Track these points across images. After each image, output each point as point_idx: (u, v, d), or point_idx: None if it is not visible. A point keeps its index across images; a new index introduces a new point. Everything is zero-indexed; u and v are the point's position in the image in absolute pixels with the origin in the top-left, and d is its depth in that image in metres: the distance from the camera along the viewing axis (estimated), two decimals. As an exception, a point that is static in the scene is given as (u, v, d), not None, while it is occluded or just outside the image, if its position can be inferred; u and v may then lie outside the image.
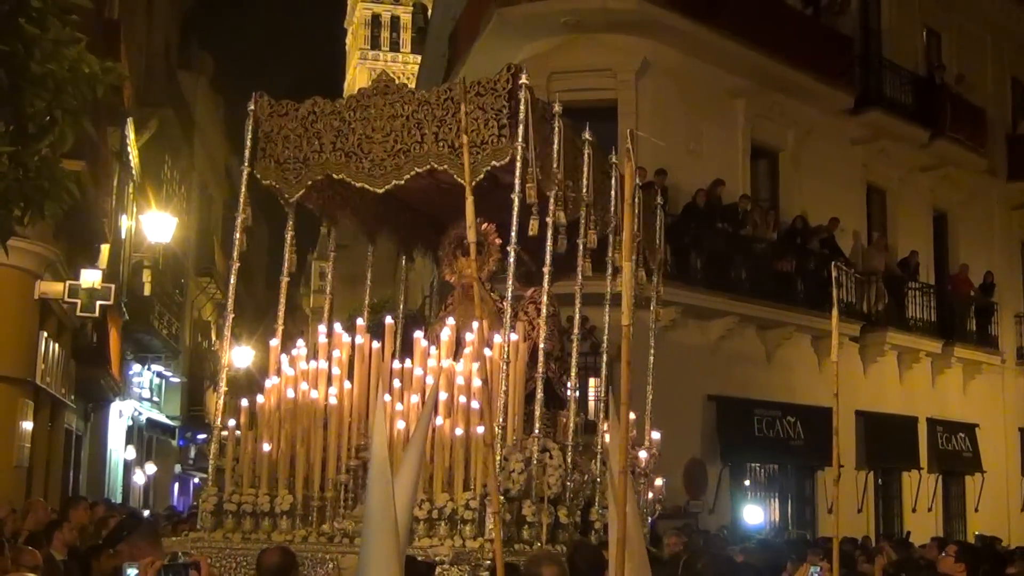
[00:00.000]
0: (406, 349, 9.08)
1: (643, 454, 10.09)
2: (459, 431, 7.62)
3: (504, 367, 7.82)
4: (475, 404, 7.67)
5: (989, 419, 24.69)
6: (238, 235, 8.81)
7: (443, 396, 7.84)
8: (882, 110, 22.99)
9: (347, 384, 8.40)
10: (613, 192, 9.46)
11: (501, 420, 7.71)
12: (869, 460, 21.74)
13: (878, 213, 24.19)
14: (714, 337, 19.25)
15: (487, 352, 7.85)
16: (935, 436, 23.46)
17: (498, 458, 7.55)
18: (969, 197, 25.77)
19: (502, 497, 7.45)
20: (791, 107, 21.35)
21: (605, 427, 9.46)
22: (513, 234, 7.96)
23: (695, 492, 18.46)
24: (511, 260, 7.99)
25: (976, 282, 24.95)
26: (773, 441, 19.97)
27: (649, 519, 10.19)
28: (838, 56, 22.18)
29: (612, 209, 9.39)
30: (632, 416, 9.50)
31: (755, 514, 19.22)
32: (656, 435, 10.46)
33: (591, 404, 10.74)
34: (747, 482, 20.27)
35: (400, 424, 7.78)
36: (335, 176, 8.63)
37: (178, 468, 35.39)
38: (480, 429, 7.53)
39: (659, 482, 10.39)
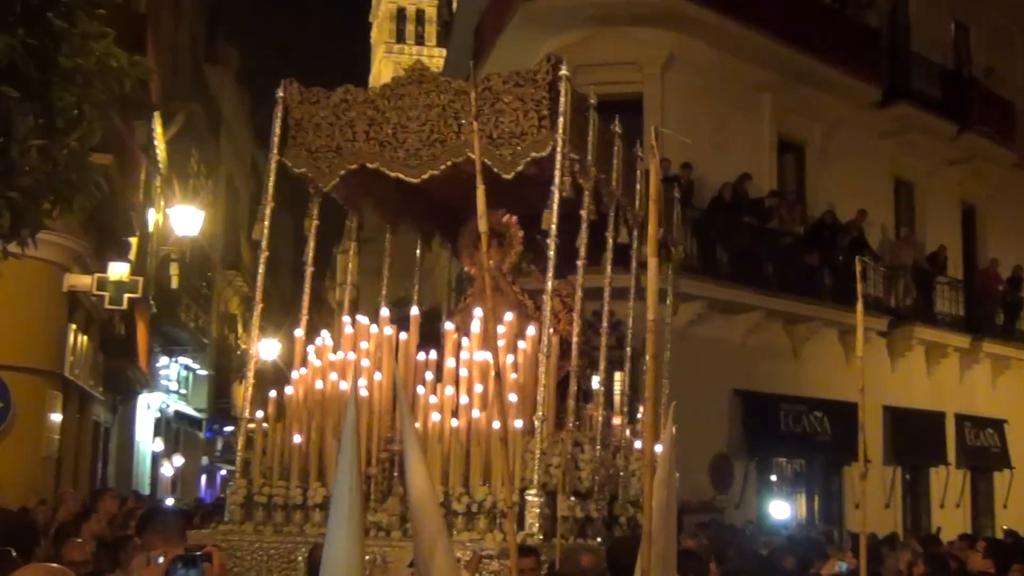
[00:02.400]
0: (428, 341, 9.06)
1: (659, 448, 10.04)
2: (496, 424, 7.59)
3: (539, 360, 7.79)
4: (512, 397, 7.66)
5: (1018, 414, 24.48)
6: (265, 224, 8.79)
7: (478, 389, 7.83)
8: (910, 103, 22.83)
9: (377, 376, 8.37)
10: (638, 186, 9.43)
11: (540, 413, 7.69)
12: (897, 456, 21.64)
13: (906, 207, 24.06)
14: (740, 332, 19.18)
15: (500, 343, 7.83)
16: (963, 432, 23.32)
17: (536, 452, 7.54)
18: (998, 191, 25.56)
19: (540, 491, 7.44)
20: (818, 100, 21.23)
21: (618, 421, 9.46)
22: (553, 226, 7.92)
23: (721, 487, 18.43)
24: (551, 253, 7.96)
25: (1005, 276, 24.76)
26: (800, 436, 19.90)
27: None
28: (866, 49, 22.05)
29: (637, 203, 9.37)
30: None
31: (782, 510, 19.17)
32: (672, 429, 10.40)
33: (616, 398, 10.69)
34: (773, 477, 20.21)
35: (435, 416, 7.77)
36: (369, 166, 8.58)
37: (205, 460, 35.59)
38: (519, 423, 7.52)
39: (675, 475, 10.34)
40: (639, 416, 9.68)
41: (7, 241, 5.76)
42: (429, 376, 8.24)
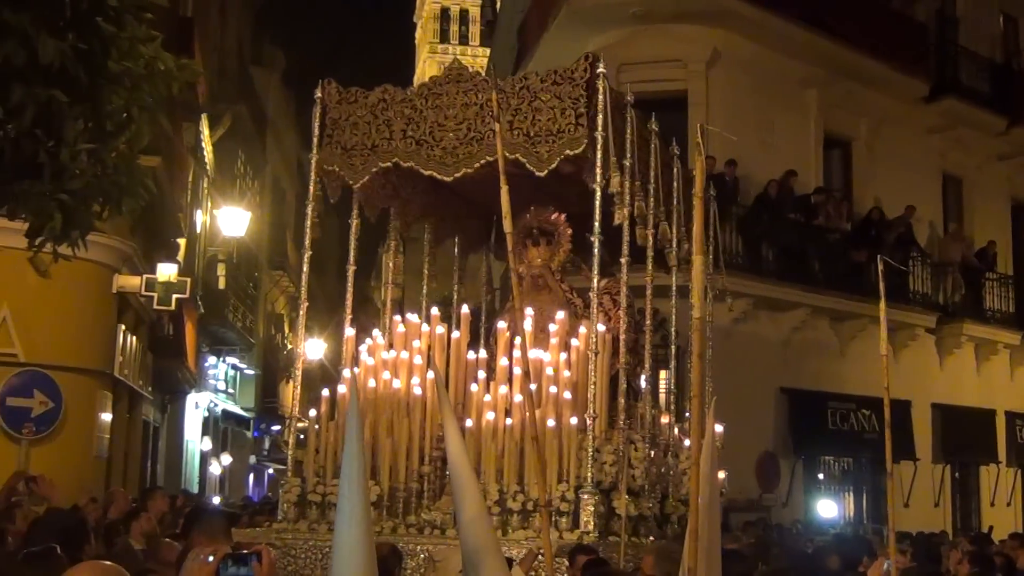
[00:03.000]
0: (473, 340, 9.09)
1: None
2: (551, 422, 7.59)
3: (592, 357, 7.81)
4: (567, 395, 7.66)
5: (1070, 412, 24.18)
6: (309, 223, 8.86)
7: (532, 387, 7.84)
8: (958, 98, 22.57)
9: (430, 374, 8.39)
10: (675, 184, 9.42)
11: (592, 411, 7.70)
12: (946, 454, 21.44)
13: (954, 202, 23.80)
14: (787, 329, 19.08)
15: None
16: (1014, 429, 23.04)
17: (590, 450, 7.55)
18: (1048, 186, 25.25)
19: (595, 489, 7.44)
20: (865, 96, 21.05)
21: (665, 419, 9.45)
22: (596, 224, 7.93)
23: (767, 486, 18.34)
24: (595, 251, 7.97)
25: (1056, 272, 24.44)
26: (847, 434, 19.77)
27: None
28: (913, 43, 21.83)
29: (674, 201, 9.36)
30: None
31: (829, 508, 19.05)
32: (719, 428, 10.41)
33: (661, 396, 10.68)
34: (820, 476, 20.08)
35: (489, 415, 7.79)
36: (403, 164, 8.62)
37: (253, 459, 35.83)
38: (573, 420, 7.53)
39: (721, 475, 10.34)
40: (686, 415, 9.68)
41: (58, 243, 5.83)
42: (482, 375, 8.26)
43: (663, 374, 11.12)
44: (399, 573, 6.20)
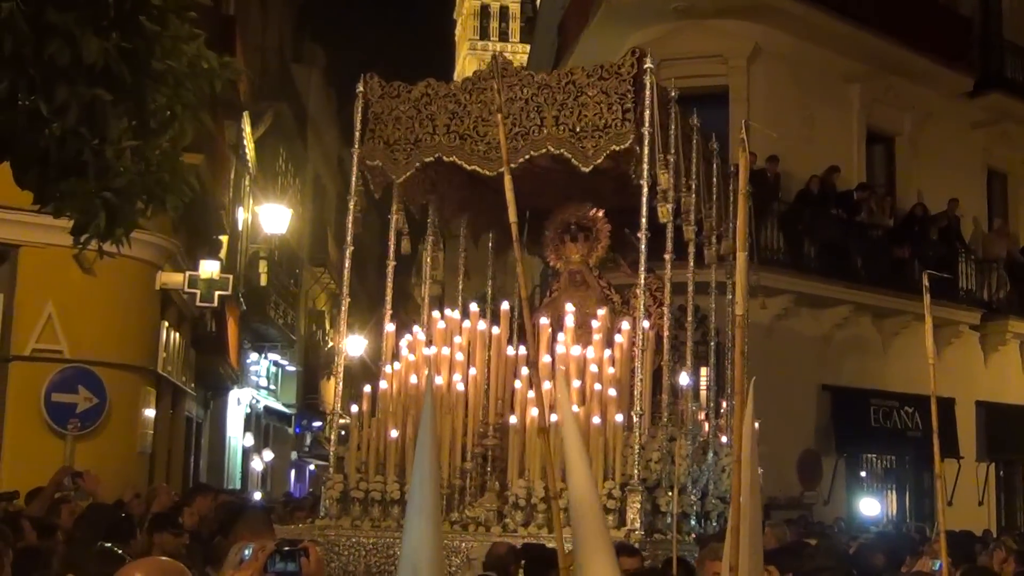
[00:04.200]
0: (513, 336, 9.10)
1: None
2: (596, 419, 7.57)
3: (639, 354, 7.80)
4: (612, 392, 7.64)
5: (1117, 410, 23.84)
6: (351, 217, 8.87)
7: (576, 383, 7.83)
8: (1003, 92, 22.34)
9: (472, 371, 8.38)
10: (715, 179, 9.39)
11: (639, 408, 7.68)
12: (990, 452, 21.22)
13: (999, 198, 23.57)
14: (828, 326, 18.95)
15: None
16: (1060, 427, 22.77)
17: (636, 448, 7.53)
18: (1094, 180, 24.91)
19: (641, 486, 7.41)
20: (908, 91, 20.87)
21: (702, 416, 9.41)
22: (643, 220, 7.91)
23: (809, 483, 18.23)
24: (642, 247, 7.95)
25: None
26: (890, 432, 19.61)
27: None
28: (957, 37, 21.61)
29: (714, 196, 9.33)
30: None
31: (871, 506, 18.91)
32: (755, 425, 10.37)
33: (702, 393, 10.65)
34: (863, 473, 19.95)
35: (534, 411, 7.78)
36: (446, 158, 8.61)
37: (294, 455, 36.02)
38: (619, 417, 7.51)
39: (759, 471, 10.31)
40: (721, 410, 9.65)
41: (102, 241, 5.87)
42: (524, 371, 8.26)
43: (704, 371, 11.10)
44: (515, 571, 6.17)
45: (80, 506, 8.84)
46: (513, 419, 7.92)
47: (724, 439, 9.17)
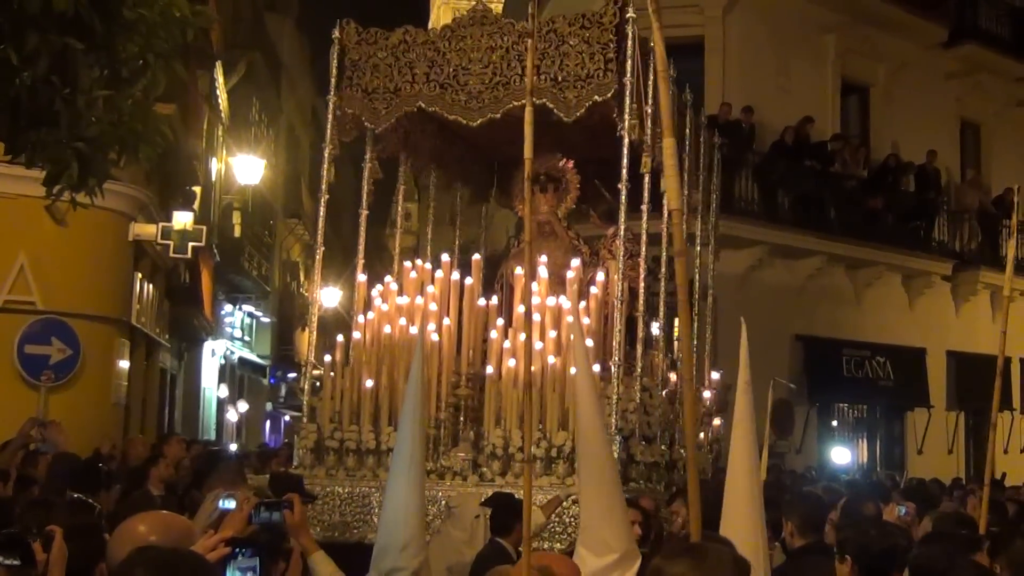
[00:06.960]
0: (486, 287, 9.09)
1: (707, 394, 10.16)
2: (573, 370, 7.60)
3: (617, 305, 7.82)
4: (589, 342, 7.65)
5: (1087, 359, 24.10)
6: (326, 164, 8.80)
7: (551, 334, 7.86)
8: (978, 43, 22.38)
9: (445, 320, 8.37)
10: (687, 130, 9.41)
11: (618, 359, 7.71)
12: (960, 401, 21.43)
13: (972, 149, 23.66)
14: (802, 277, 19.05)
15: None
16: (1030, 377, 23.01)
17: (614, 398, 7.58)
18: (1068, 132, 25.03)
19: (618, 436, 7.48)
20: (883, 41, 20.88)
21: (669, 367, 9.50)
22: (624, 171, 7.89)
23: (782, 432, 18.39)
24: (623, 198, 7.95)
25: (1074, 219, 24.27)
26: (862, 381, 19.80)
27: (710, 457, 10.28)
28: (932, -12, 21.62)
29: (686, 148, 9.35)
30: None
31: (843, 455, 19.12)
32: (716, 375, 10.52)
33: (675, 344, 10.71)
34: (835, 423, 20.14)
35: (511, 362, 7.79)
36: (427, 108, 8.53)
37: (269, 406, 36.05)
38: (597, 368, 7.53)
39: (717, 421, 10.48)
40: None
41: (75, 191, 5.84)
42: (500, 322, 8.26)
43: (677, 321, 11.15)
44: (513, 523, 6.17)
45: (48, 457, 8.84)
46: (489, 369, 7.93)
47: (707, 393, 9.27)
